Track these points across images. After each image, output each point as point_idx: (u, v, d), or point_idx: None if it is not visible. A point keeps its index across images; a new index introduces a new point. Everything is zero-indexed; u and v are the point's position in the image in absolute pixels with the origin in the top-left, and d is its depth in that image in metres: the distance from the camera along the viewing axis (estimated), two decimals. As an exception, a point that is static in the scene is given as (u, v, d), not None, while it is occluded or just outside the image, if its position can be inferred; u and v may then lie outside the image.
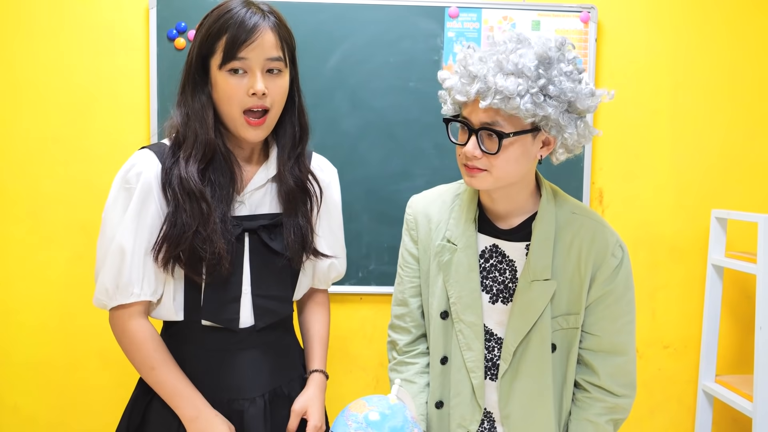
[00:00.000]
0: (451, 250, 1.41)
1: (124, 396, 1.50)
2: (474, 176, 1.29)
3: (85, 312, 2.22)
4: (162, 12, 2.15)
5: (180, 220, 1.29)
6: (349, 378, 2.32)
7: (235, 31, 1.26)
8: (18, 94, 2.19)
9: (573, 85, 1.23)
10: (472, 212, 1.41)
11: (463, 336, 1.40)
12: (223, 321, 1.36)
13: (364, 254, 2.24)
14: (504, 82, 1.19)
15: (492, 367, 1.41)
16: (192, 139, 1.31)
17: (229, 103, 1.30)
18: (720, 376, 2.35)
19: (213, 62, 1.29)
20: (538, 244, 1.35)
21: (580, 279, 1.36)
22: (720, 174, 2.35)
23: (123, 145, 2.20)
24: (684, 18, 2.30)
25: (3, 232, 2.22)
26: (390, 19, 2.20)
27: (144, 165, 1.32)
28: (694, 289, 2.36)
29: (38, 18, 2.18)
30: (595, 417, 1.39)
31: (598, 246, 1.36)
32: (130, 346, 1.34)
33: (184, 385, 1.32)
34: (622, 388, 1.38)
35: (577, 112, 1.27)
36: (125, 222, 1.30)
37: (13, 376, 2.25)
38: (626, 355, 1.38)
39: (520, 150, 1.27)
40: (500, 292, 1.40)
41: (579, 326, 1.37)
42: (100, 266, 1.33)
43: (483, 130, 1.25)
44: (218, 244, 1.29)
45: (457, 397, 1.42)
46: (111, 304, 1.33)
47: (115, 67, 2.20)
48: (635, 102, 2.30)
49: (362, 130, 2.22)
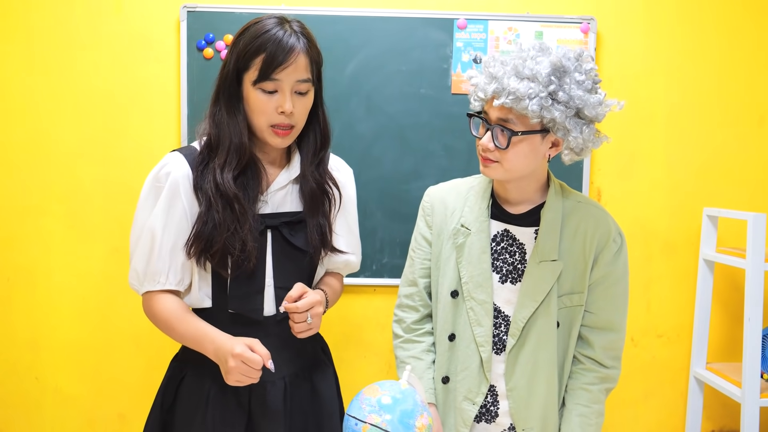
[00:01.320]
0: (465, 234, 1.47)
1: (156, 377, 1.57)
2: (487, 166, 1.38)
3: (121, 300, 2.28)
4: (192, 24, 2.19)
5: (212, 220, 1.34)
6: (363, 363, 2.36)
7: (273, 53, 1.30)
8: (59, 101, 2.24)
9: (582, 94, 1.30)
10: (486, 201, 1.48)
11: (473, 313, 1.45)
12: (248, 310, 1.41)
13: (378, 248, 2.28)
14: (516, 85, 1.28)
15: (498, 342, 1.47)
16: (226, 146, 1.36)
17: (257, 117, 1.36)
18: (710, 363, 2.38)
19: (247, 77, 1.34)
20: (546, 228, 1.43)
21: (584, 260, 1.43)
22: (711, 174, 2.37)
23: (155, 147, 2.24)
24: (677, 27, 2.33)
25: (46, 228, 2.27)
26: (402, 30, 2.23)
27: (173, 166, 1.38)
28: (687, 282, 2.39)
29: (78, 31, 2.23)
30: (588, 386, 1.47)
31: (601, 231, 1.44)
32: (155, 320, 1.41)
33: (200, 328, 1.36)
34: (612, 361, 1.47)
35: (586, 119, 1.34)
36: (154, 216, 1.36)
37: (54, 361, 2.32)
38: (620, 332, 1.48)
39: (528, 147, 1.35)
40: (509, 273, 1.46)
41: (582, 304, 1.44)
42: (132, 253, 1.40)
43: (497, 126, 1.34)
44: (249, 243, 1.34)
45: (465, 371, 1.47)
46: (141, 290, 1.40)
47: (148, 76, 2.24)
48: (631, 107, 2.31)
49: (376, 133, 2.26)
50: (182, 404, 1.44)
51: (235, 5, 2.22)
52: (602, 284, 1.45)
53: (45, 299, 2.31)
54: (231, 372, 1.27)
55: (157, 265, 1.36)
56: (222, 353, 1.30)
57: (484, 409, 1.49)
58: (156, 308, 1.38)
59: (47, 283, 2.31)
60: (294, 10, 2.19)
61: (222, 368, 1.30)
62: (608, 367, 1.47)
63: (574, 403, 1.47)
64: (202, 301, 1.42)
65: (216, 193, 1.34)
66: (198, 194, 1.37)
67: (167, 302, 1.38)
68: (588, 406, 1.46)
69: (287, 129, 1.36)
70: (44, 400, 2.34)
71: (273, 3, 2.27)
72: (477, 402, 1.47)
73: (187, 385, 1.44)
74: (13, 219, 2.28)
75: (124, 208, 2.26)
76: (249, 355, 1.27)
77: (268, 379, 1.39)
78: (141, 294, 1.41)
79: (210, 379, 1.41)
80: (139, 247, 1.38)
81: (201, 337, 1.35)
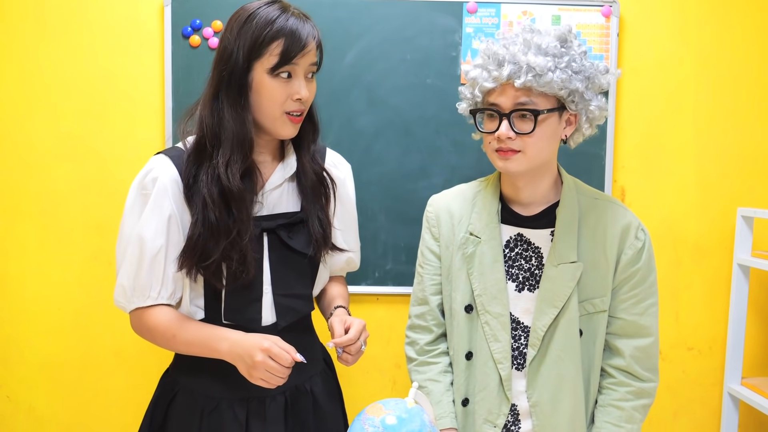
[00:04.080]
0: (475, 243, 1.44)
1: (140, 397, 1.52)
2: (509, 158, 1.34)
3: (101, 312, 2.22)
4: (177, 9, 2.13)
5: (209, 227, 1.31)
6: (365, 380, 2.30)
7: (291, 38, 1.32)
8: (30, 93, 2.19)
9: (590, 63, 1.33)
10: (495, 205, 1.45)
11: (489, 327, 1.42)
12: (245, 321, 1.38)
13: (381, 254, 2.22)
14: (535, 59, 1.27)
15: (518, 357, 1.43)
16: (230, 142, 1.33)
17: (271, 106, 1.35)
18: (746, 378, 2.30)
19: (260, 65, 1.33)
20: (563, 228, 1.40)
21: (606, 261, 1.40)
22: (746, 171, 2.30)
23: (138, 143, 2.19)
24: (708, 11, 2.26)
25: (18, 233, 2.22)
26: (407, 15, 2.17)
27: (159, 170, 1.35)
28: (719, 290, 2.32)
29: (50, 16, 2.16)
30: (620, 402, 1.40)
31: (622, 228, 1.40)
32: (149, 334, 1.37)
33: (205, 330, 1.34)
34: (647, 372, 1.41)
35: (596, 87, 1.36)
36: (141, 224, 1.33)
37: (28, 377, 2.26)
38: (650, 337, 1.41)
39: (551, 128, 1.34)
40: (526, 280, 1.43)
41: (606, 309, 1.40)
42: (119, 267, 1.36)
43: (515, 112, 1.31)
44: (249, 254, 1.33)
45: (483, 391, 1.43)
46: (129, 307, 1.36)
47: (129, 65, 2.18)
48: (658, 98, 2.26)
49: (379, 127, 2.20)
50: (174, 424, 1.42)
51: (225, -11, 2.17)
52: (627, 285, 1.41)
53: (17, 310, 2.26)
54: (256, 367, 1.25)
55: (147, 277, 1.34)
56: (242, 349, 1.28)
57: (505, 430, 1.45)
58: (150, 322, 1.35)
59: (20, 292, 2.25)
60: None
61: (242, 365, 1.28)
62: (643, 380, 1.42)
63: (603, 422, 1.42)
64: (194, 313, 1.40)
65: (216, 194, 1.32)
66: (189, 200, 1.35)
67: (161, 313, 1.35)
68: (619, 425, 1.40)
69: (300, 116, 1.38)
70: (16, 421, 2.28)
71: (266, -14, 2.16)
72: (498, 424, 1.42)
73: (179, 404, 1.42)
74: (-18, 223, 2.24)
75: (104, 210, 2.22)
76: (277, 351, 1.25)
77: (267, 394, 1.38)
78: (129, 311, 1.38)
79: (204, 396, 1.39)
80: (126, 259, 1.35)
81: (211, 338, 1.32)
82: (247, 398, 1.38)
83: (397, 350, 2.28)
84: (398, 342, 2.24)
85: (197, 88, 1.42)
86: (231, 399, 1.38)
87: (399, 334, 2.04)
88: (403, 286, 2.21)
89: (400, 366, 2.29)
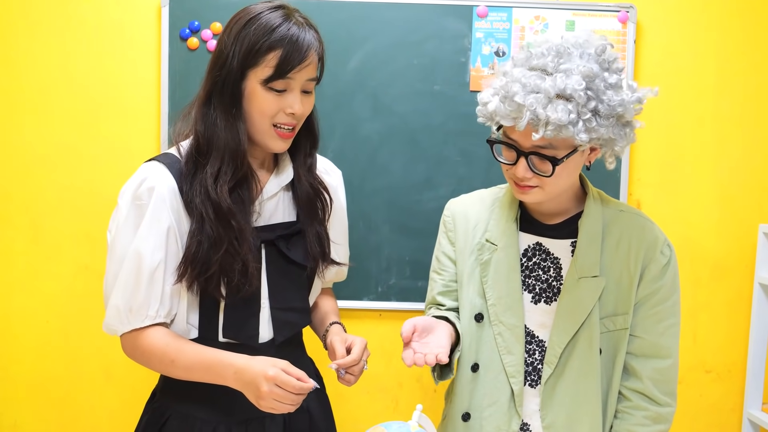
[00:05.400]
0: (491, 250, 1.43)
1: (129, 415, 1.49)
2: (526, 193, 1.32)
3: (90, 326, 2.20)
4: (174, 11, 2.10)
5: (207, 238, 1.29)
6: (366, 399, 2.26)
7: (290, 51, 1.28)
8: (20, 97, 2.17)
9: (620, 98, 1.24)
10: (514, 212, 1.44)
11: (502, 339, 1.40)
12: (243, 338, 1.36)
13: (384, 268, 2.18)
14: (555, 114, 1.19)
15: (532, 372, 1.41)
16: (221, 152, 1.30)
17: (261, 118, 1.32)
18: (767, 403, 2.26)
19: (254, 74, 1.30)
20: (586, 240, 1.37)
21: (629, 276, 1.37)
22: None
23: (132, 150, 2.17)
24: (729, 18, 2.22)
25: (4, 243, 2.20)
26: (414, 19, 2.13)
27: (155, 179, 1.30)
28: (740, 310, 2.27)
29: (41, 16, 2.15)
30: (637, 428, 1.37)
31: (648, 242, 1.38)
32: (144, 358, 1.33)
33: (208, 355, 1.29)
34: (665, 396, 1.38)
35: (625, 121, 1.29)
36: (138, 238, 1.29)
37: (13, 393, 2.23)
38: (670, 358, 1.39)
39: (572, 165, 1.30)
40: (543, 291, 1.41)
41: (627, 327, 1.38)
42: (110, 288, 1.31)
43: (535, 155, 1.27)
44: (250, 265, 1.31)
45: (492, 406, 1.40)
46: (123, 330, 1.31)
47: (123, 68, 2.17)
48: (677, 108, 2.22)
49: (383, 136, 2.17)
50: None
51: (224, -11, 2.16)
52: (648, 302, 1.38)
53: (2, 323, 2.24)
54: (264, 398, 1.21)
55: (145, 295, 1.29)
56: (248, 377, 1.23)
57: None
58: (145, 344, 1.30)
59: (6, 304, 2.23)
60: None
61: (250, 394, 1.24)
62: (660, 404, 1.38)
63: None
64: (187, 332, 1.36)
65: (209, 208, 1.29)
66: (189, 210, 1.32)
67: (157, 335, 1.31)
68: None
69: (291, 130, 1.36)
70: None
71: (267, -13, 2.13)
72: None
73: (172, 430, 1.38)
74: (-33, 232, 2.22)
75: (95, 220, 2.20)
76: (284, 378, 1.21)
77: (266, 415, 1.35)
78: (121, 335, 1.33)
79: (200, 421, 1.37)
80: (121, 276, 1.29)
81: (214, 364, 1.27)
82: (245, 420, 1.36)
83: (399, 368, 2.24)
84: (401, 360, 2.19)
85: (194, 92, 1.39)
86: (229, 423, 1.36)
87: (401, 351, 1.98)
88: (408, 301, 2.17)
89: (402, 385, 2.26)
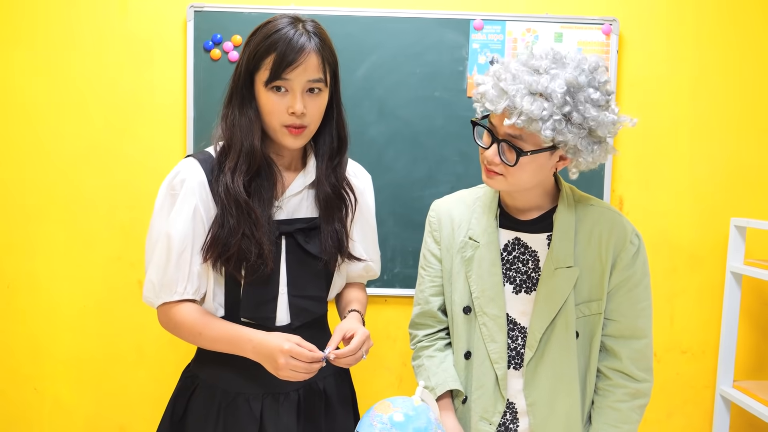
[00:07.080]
0: (474, 247, 1.45)
1: (159, 389, 1.52)
2: (491, 178, 1.36)
3: (123, 309, 2.26)
4: (199, 24, 2.17)
5: (227, 224, 1.34)
6: (373, 377, 2.33)
7: (283, 53, 1.30)
8: (62, 103, 2.23)
9: (597, 114, 1.25)
10: (494, 210, 1.46)
11: (486, 329, 1.43)
12: (260, 319, 1.40)
13: (389, 257, 2.25)
14: (530, 106, 1.23)
15: (516, 357, 1.43)
16: (237, 149, 1.36)
17: (269, 118, 1.36)
18: (738, 381, 2.32)
19: (258, 77, 1.35)
20: (560, 233, 1.40)
21: (601, 265, 1.40)
22: (739, 182, 2.33)
23: (160, 152, 2.24)
24: (704, 29, 2.28)
25: (47, 234, 2.26)
26: (416, 31, 2.20)
27: (188, 172, 1.38)
28: (713, 296, 2.33)
29: (81, 32, 2.22)
30: (617, 404, 1.41)
31: (617, 234, 1.40)
32: (177, 329, 1.39)
33: (231, 330, 1.35)
34: (643, 372, 1.41)
35: (598, 138, 1.30)
36: (170, 222, 1.36)
37: (54, 371, 2.30)
38: (645, 338, 1.42)
39: (536, 164, 1.33)
40: (523, 282, 1.43)
41: (601, 312, 1.41)
42: (148, 264, 1.39)
43: (505, 142, 1.31)
44: (266, 247, 1.34)
45: (480, 389, 1.44)
46: (157, 302, 1.39)
47: (153, 78, 2.23)
48: (655, 112, 2.29)
49: (389, 137, 2.24)
50: (193, 417, 1.43)
51: (244, 5, 2.20)
52: (622, 289, 1.41)
53: (45, 307, 2.30)
54: (281, 368, 1.28)
55: (175, 273, 1.36)
56: (266, 351, 1.30)
57: (502, 428, 1.45)
58: (177, 317, 1.38)
59: (48, 290, 2.29)
60: (304, 10, 2.15)
61: (269, 366, 1.30)
62: (639, 380, 1.42)
63: (602, 423, 1.42)
64: (216, 310, 1.41)
65: (228, 198, 1.35)
66: (215, 199, 1.37)
67: (188, 309, 1.38)
68: (617, 426, 1.41)
69: (300, 128, 1.36)
70: (43, 411, 2.32)
71: (283, 3, 2.24)
72: (494, 422, 1.44)
73: (199, 398, 1.44)
74: (13, 225, 2.27)
75: (128, 214, 2.26)
76: (298, 350, 1.27)
77: (281, 390, 1.40)
78: (156, 307, 1.40)
79: (222, 391, 1.41)
80: (155, 255, 1.37)
81: (235, 338, 1.34)
82: (262, 394, 1.40)
83: (403, 349, 2.33)
84: (405, 341, 2.28)
85: (217, 99, 1.44)
86: (247, 394, 1.39)
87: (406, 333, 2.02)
88: (411, 288, 2.23)
89: (406, 364, 2.34)
